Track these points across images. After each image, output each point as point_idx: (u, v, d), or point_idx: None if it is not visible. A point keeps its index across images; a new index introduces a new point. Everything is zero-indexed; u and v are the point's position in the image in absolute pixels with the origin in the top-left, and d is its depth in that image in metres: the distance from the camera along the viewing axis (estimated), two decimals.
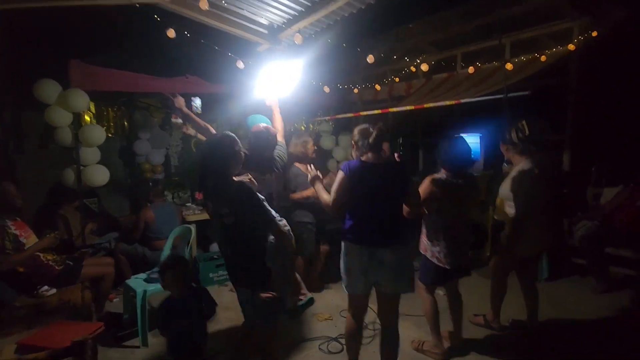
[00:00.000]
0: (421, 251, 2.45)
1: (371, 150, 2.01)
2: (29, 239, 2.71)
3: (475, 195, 2.45)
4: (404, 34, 4.37)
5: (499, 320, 2.76)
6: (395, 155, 2.15)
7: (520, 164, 2.44)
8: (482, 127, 4.63)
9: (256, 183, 2.28)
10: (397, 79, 4.64)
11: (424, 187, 2.29)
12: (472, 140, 4.51)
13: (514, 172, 2.46)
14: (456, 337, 2.55)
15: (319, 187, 2.15)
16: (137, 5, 2.29)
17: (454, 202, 2.29)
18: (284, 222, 2.02)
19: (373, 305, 2.17)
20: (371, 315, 2.66)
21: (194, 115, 2.31)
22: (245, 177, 2.19)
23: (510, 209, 2.47)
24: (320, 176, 2.25)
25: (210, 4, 2.38)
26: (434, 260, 2.35)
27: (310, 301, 2.73)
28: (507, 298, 2.72)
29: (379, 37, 4.57)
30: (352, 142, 2.13)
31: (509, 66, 3.47)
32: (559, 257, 3.57)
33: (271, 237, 1.95)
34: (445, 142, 2.35)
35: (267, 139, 2.69)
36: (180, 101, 2.29)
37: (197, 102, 3.09)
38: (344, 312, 3.09)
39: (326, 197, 2.03)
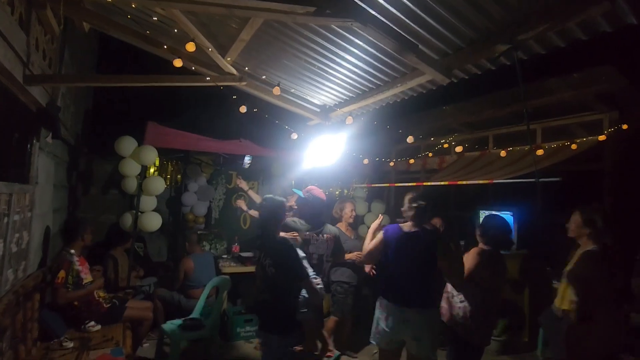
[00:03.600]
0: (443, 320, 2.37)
1: (411, 220, 2.26)
2: (87, 275, 2.99)
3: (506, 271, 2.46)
4: (439, 115, 4.73)
5: None
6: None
7: (587, 246, 2.29)
8: (514, 205, 4.66)
9: (299, 240, 2.51)
10: (430, 154, 4.92)
11: (470, 257, 2.34)
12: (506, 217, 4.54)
13: (582, 254, 2.30)
14: None
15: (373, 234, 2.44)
16: (222, 87, 2.78)
17: (494, 275, 2.33)
18: (318, 280, 2.19)
19: None
20: None
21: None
22: (290, 235, 2.43)
23: (575, 297, 2.23)
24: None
25: (282, 90, 2.86)
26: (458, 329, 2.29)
27: (338, 358, 2.75)
28: None
29: (416, 117, 4.97)
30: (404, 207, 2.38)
31: (539, 151, 3.64)
32: None
33: (304, 293, 2.11)
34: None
35: (319, 201, 2.98)
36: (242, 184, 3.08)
37: (246, 159, 3.76)
38: None
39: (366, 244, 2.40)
